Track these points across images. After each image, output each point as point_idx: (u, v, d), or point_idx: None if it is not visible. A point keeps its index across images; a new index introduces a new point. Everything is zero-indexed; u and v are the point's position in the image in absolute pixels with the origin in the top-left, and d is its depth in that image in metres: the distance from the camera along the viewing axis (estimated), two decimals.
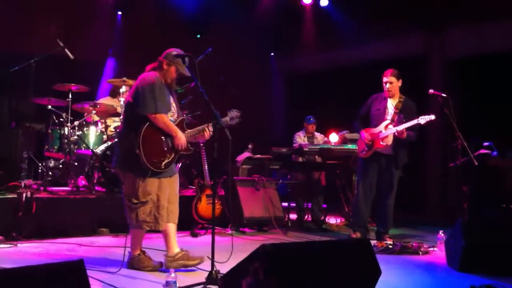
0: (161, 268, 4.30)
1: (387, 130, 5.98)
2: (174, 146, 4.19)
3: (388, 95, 6.13)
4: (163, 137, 4.16)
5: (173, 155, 4.22)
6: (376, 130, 6.09)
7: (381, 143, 5.99)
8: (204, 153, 6.72)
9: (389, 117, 6.07)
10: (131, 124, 4.18)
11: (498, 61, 8.58)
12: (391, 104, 6.14)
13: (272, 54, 12.64)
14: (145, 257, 4.36)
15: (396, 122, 5.99)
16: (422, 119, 5.82)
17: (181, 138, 4.20)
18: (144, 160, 4.05)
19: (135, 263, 4.33)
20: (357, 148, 6.47)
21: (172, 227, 4.31)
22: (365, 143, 6.14)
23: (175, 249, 4.27)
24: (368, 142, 6.09)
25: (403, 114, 6.01)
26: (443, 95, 6.00)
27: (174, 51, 4.36)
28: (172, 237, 4.31)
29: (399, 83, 6.14)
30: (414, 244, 5.53)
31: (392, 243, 5.57)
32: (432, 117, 5.82)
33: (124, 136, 4.24)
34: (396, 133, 5.89)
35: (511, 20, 8.59)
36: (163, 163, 4.16)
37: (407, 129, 5.88)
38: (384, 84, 6.14)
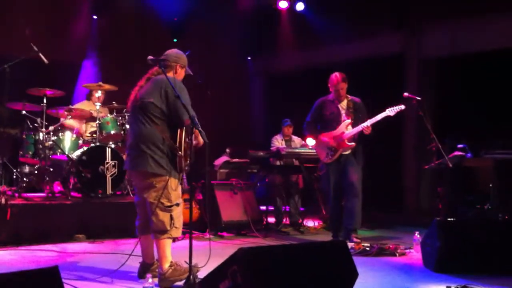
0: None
1: (354, 129, 6.05)
2: (191, 151, 4.11)
3: (340, 99, 6.21)
4: (189, 141, 4.08)
5: (188, 160, 4.17)
6: (337, 132, 6.14)
7: (348, 143, 6.06)
8: None
9: (344, 117, 6.16)
10: (159, 125, 4.03)
11: (474, 61, 8.71)
12: (341, 106, 6.22)
13: (249, 58, 12.66)
14: (177, 265, 4.06)
15: (355, 121, 6.08)
16: (391, 111, 5.91)
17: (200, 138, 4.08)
18: (182, 162, 4.01)
19: (170, 276, 3.99)
20: (319, 155, 6.46)
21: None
22: (328, 148, 6.17)
23: (167, 264, 4.04)
24: (332, 145, 6.13)
25: (357, 113, 6.10)
26: (418, 98, 6.09)
27: (179, 52, 4.36)
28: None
29: (347, 85, 6.23)
30: (391, 246, 5.57)
31: (369, 245, 5.61)
32: (402, 107, 5.91)
33: (155, 137, 4.02)
34: (364, 130, 5.96)
35: (486, 19, 8.73)
36: (187, 167, 4.13)
37: (361, 122, 5.99)
38: (335, 92, 6.21)
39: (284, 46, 11.54)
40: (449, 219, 5.38)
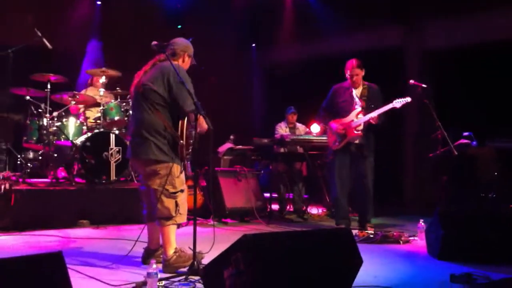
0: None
1: (361, 118, 6.01)
2: (195, 138, 4.10)
3: (354, 86, 6.17)
4: (191, 130, 4.06)
5: (190, 149, 4.14)
6: (347, 119, 6.11)
7: (355, 132, 6.03)
8: None
9: (358, 106, 6.10)
10: (161, 112, 4.00)
11: (474, 53, 8.67)
12: (356, 93, 6.17)
13: (254, 45, 12.61)
14: (181, 251, 4.06)
15: (366, 109, 6.03)
16: (398, 103, 5.88)
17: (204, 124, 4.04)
18: (183, 151, 3.99)
19: (175, 262, 4.00)
20: (328, 141, 6.47)
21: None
22: (337, 134, 6.15)
23: (171, 250, 4.04)
24: (341, 132, 6.10)
25: (370, 101, 6.05)
26: (423, 85, 6.05)
27: (187, 41, 4.34)
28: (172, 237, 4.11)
29: (363, 73, 6.17)
30: (395, 234, 5.56)
31: (373, 232, 5.61)
32: (408, 99, 5.88)
33: (157, 124, 3.99)
34: (370, 120, 5.93)
35: (487, 12, 8.68)
36: (188, 156, 4.12)
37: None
38: (349, 77, 6.16)
39: (287, 35, 11.49)
40: (452, 208, 5.36)
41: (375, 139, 6.21)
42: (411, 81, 6.18)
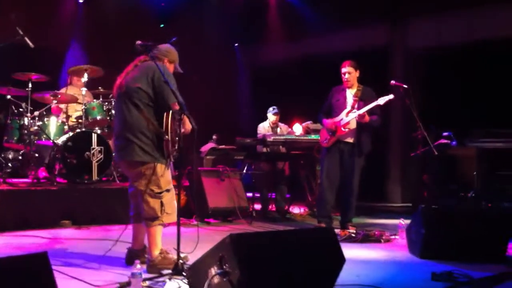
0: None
1: (348, 116, 6.06)
2: (180, 136, 4.05)
3: (347, 85, 6.22)
4: (176, 127, 4.00)
5: (176, 146, 4.10)
6: (337, 118, 6.17)
7: (343, 129, 6.08)
8: None
9: (349, 105, 6.15)
10: (144, 111, 3.99)
11: (459, 52, 8.79)
12: (350, 94, 6.23)
13: (236, 45, 12.61)
14: (166, 253, 4.08)
15: (356, 109, 6.09)
16: (381, 100, 5.97)
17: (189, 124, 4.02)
18: (169, 147, 3.97)
19: (159, 263, 4.00)
20: (319, 138, 6.54)
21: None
22: (327, 132, 6.21)
23: (157, 251, 4.06)
24: (330, 129, 6.16)
25: (362, 101, 6.10)
26: (404, 86, 6.12)
27: (171, 48, 4.33)
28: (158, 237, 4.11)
29: (357, 74, 6.23)
30: (376, 233, 5.62)
31: (355, 231, 5.66)
32: (391, 96, 5.96)
33: (140, 124, 3.98)
34: (357, 117, 5.98)
35: (472, 12, 8.80)
36: (175, 153, 4.08)
37: (369, 113, 5.97)
38: (342, 75, 6.22)
39: (271, 35, 11.54)
40: (434, 206, 5.43)
41: (370, 141, 6.24)
42: (392, 82, 6.25)
